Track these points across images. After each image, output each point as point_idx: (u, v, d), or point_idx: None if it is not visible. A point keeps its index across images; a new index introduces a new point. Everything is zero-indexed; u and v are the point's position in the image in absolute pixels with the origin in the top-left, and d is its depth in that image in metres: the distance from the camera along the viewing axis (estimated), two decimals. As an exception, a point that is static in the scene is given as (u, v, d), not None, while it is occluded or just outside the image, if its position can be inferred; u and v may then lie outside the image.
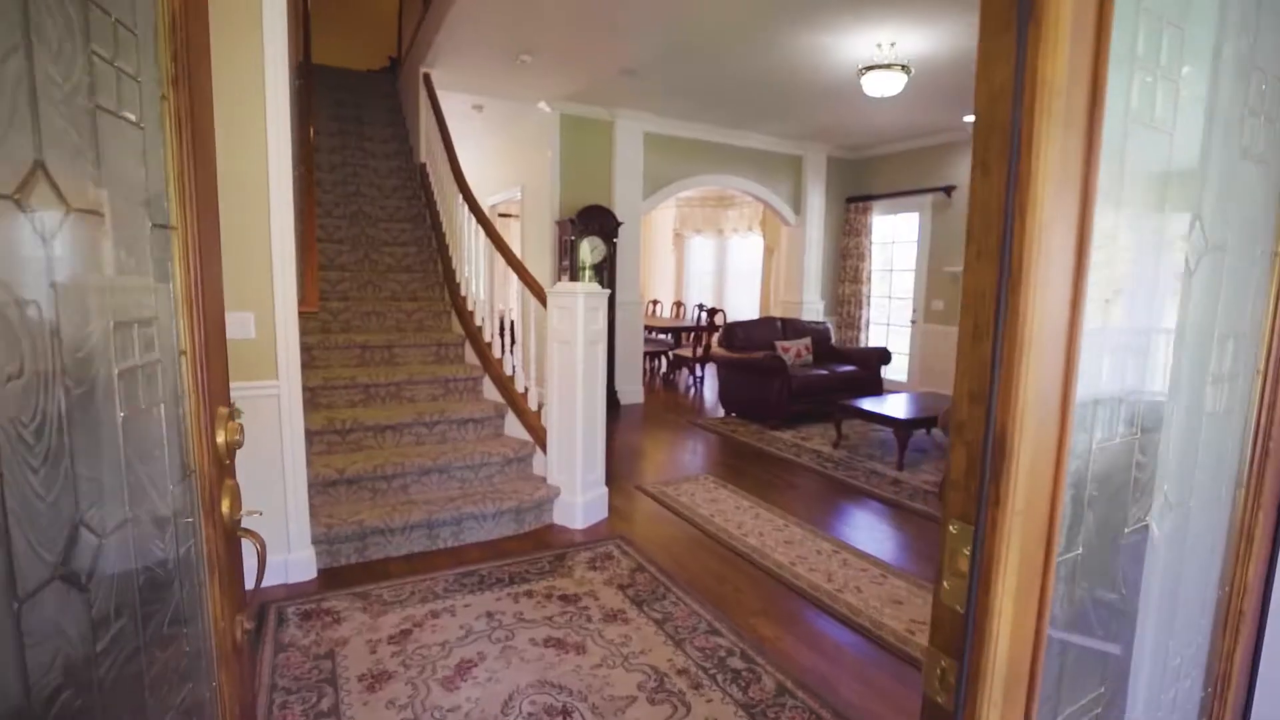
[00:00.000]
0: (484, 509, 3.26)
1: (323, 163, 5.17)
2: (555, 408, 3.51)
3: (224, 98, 2.44)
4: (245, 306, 2.53)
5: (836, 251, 8.28)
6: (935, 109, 6.08)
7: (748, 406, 6.12)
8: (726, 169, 7.37)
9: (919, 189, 7.31)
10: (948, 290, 7.15)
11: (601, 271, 6.41)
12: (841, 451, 5.13)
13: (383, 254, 4.63)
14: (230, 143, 2.43)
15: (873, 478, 4.50)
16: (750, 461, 4.88)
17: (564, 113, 6.33)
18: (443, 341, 4.18)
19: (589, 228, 6.25)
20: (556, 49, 4.83)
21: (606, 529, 3.54)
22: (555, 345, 3.46)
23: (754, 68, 5.07)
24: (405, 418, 3.54)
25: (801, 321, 6.83)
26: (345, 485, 3.16)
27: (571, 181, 6.46)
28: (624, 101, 6.24)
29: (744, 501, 3.98)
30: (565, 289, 3.38)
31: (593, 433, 3.54)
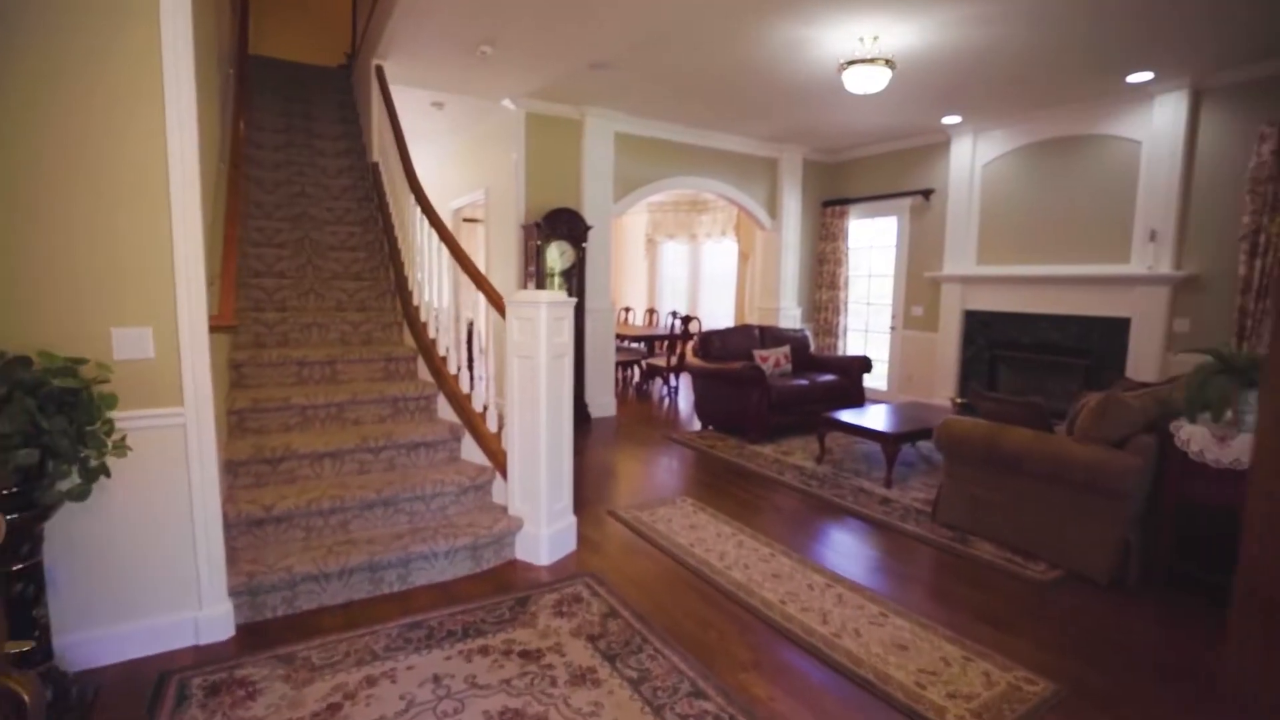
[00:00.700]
0: (435, 546, 2.88)
1: (265, 161, 4.75)
2: (516, 429, 3.15)
3: (104, 84, 2.07)
4: (139, 320, 2.13)
5: (813, 256, 8.06)
6: (916, 109, 5.89)
7: (726, 419, 5.82)
8: (700, 171, 7.10)
9: (897, 192, 7.13)
10: (927, 296, 6.96)
11: (570, 278, 6.06)
12: (826, 467, 4.86)
13: (328, 259, 4.22)
14: (109, 134, 2.05)
15: (860, 496, 4.23)
16: (730, 480, 4.57)
17: (530, 111, 5.99)
18: (393, 356, 3.79)
19: (556, 232, 5.91)
20: (519, 40, 4.49)
21: (575, 564, 3.18)
22: (516, 360, 3.11)
23: (729, 63, 4.80)
24: (347, 443, 3.14)
25: (780, 329, 6.57)
26: (274, 524, 2.75)
27: (538, 183, 6.11)
28: (593, 99, 5.93)
29: (726, 527, 3.66)
30: (526, 297, 3.03)
31: (558, 457, 3.19)
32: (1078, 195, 5.66)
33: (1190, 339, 5.06)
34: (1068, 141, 5.71)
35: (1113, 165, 5.44)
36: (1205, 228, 4.97)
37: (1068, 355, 5.78)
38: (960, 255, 6.53)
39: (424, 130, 7.29)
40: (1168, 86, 4.99)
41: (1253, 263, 4.64)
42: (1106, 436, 2.98)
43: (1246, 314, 4.68)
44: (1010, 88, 5.21)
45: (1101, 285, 5.47)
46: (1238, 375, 2.73)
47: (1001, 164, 6.22)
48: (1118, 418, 2.94)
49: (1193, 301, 5.04)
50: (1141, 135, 5.23)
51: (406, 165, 4.04)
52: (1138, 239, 5.27)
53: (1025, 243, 6.06)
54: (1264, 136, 4.56)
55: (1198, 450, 2.78)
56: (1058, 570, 3.15)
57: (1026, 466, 3.21)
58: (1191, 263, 5.04)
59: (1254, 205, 4.61)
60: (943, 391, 6.70)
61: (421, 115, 6.65)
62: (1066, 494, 3.11)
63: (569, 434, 3.25)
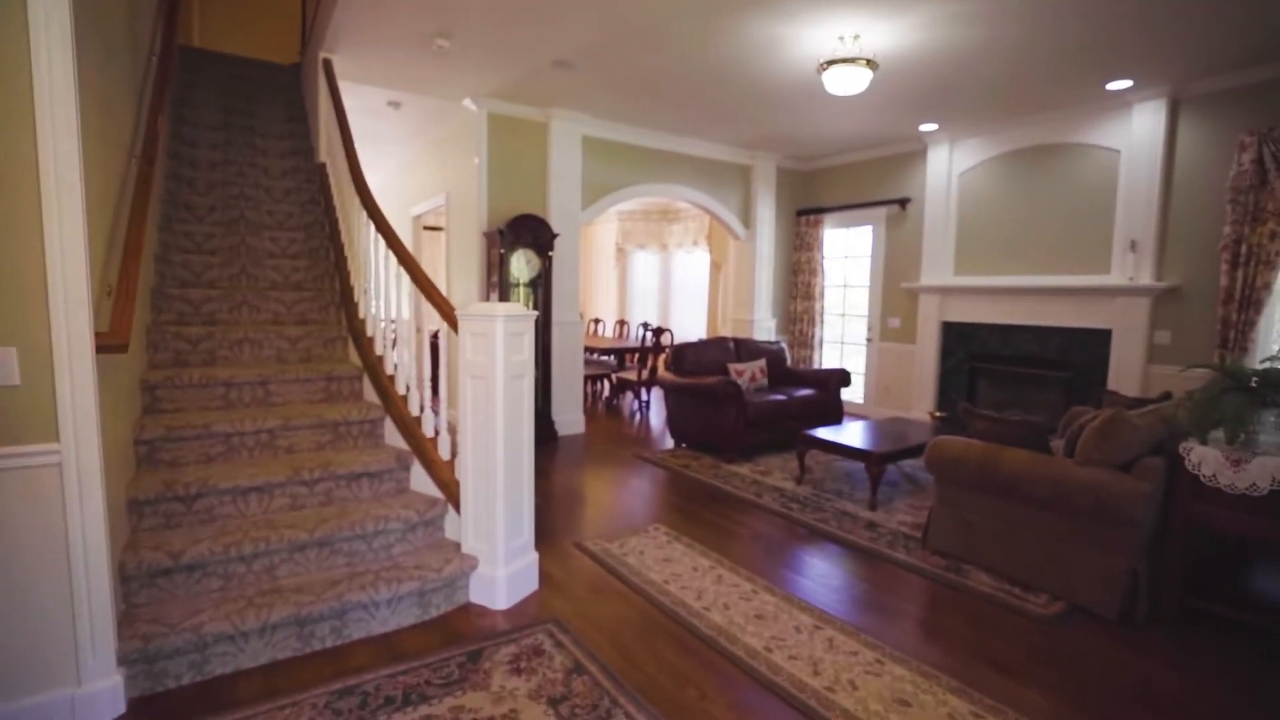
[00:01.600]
0: (376, 594, 2.53)
1: (200, 160, 4.34)
2: (470, 458, 2.82)
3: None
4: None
5: (788, 267, 7.87)
6: (893, 116, 5.73)
7: (700, 437, 5.54)
8: (672, 178, 6.86)
9: (873, 201, 6.97)
10: (904, 307, 6.81)
11: (536, 289, 5.74)
12: (806, 488, 4.60)
13: (265, 268, 3.84)
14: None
15: (844, 520, 3.97)
16: (706, 504, 4.28)
17: (492, 111, 5.67)
18: (335, 375, 3.43)
19: (521, 240, 5.59)
20: (478, 33, 4.19)
21: (537, 608, 2.85)
22: (469, 380, 2.78)
23: (702, 63, 4.56)
24: (278, 475, 2.77)
25: (755, 342, 6.33)
26: (184, 574, 2.37)
27: (501, 189, 5.79)
28: (559, 100, 5.64)
29: (703, 559, 3.37)
30: (481, 311, 2.71)
31: (517, 488, 2.86)
32: (1056, 205, 5.55)
33: (1172, 351, 4.96)
34: (1045, 150, 5.61)
35: (1091, 174, 5.34)
36: (1186, 238, 4.87)
37: (1048, 368, 5.64)
38: (938, 265, 6.39)
39: (381, 132, 6.93)
40: (1146, 95, 4.91)
41: (1234, 273, 4.55)
42: (1111, 459, 2.77)
43: (1229, 325, 4.57)
44: (989, 94, 5.08)
45: (1081, 296, 5.35)
46: (1250, 393, 2.54)
47: (979, 173, 6.10)
48: (1124, 439, 2.73)
49: (1174, 313, 4.94)
50: (1120, 144, 5.14)
51: (352, 164, 3.69)
52: (1118, 249, 5.16)
53: (1004, 253, 5.93)
54: (1243, 145, 4.48)
55: (1210, 474, 2.58)
56: (1060, 603, 2.93)
57: (1025, 491, 2.98)
58: (1172, 273, 4.94)
59: (1235, 215, 4.52)
60: (921, 405, 6.53)
61: (378, 116, 6.30)
62: (1069, 521, 2.89)
63: (529, 462, 2.92)
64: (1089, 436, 2.82)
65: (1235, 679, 2.41)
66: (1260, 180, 4.44)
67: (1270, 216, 4.41)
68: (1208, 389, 2.62)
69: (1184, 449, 2.65)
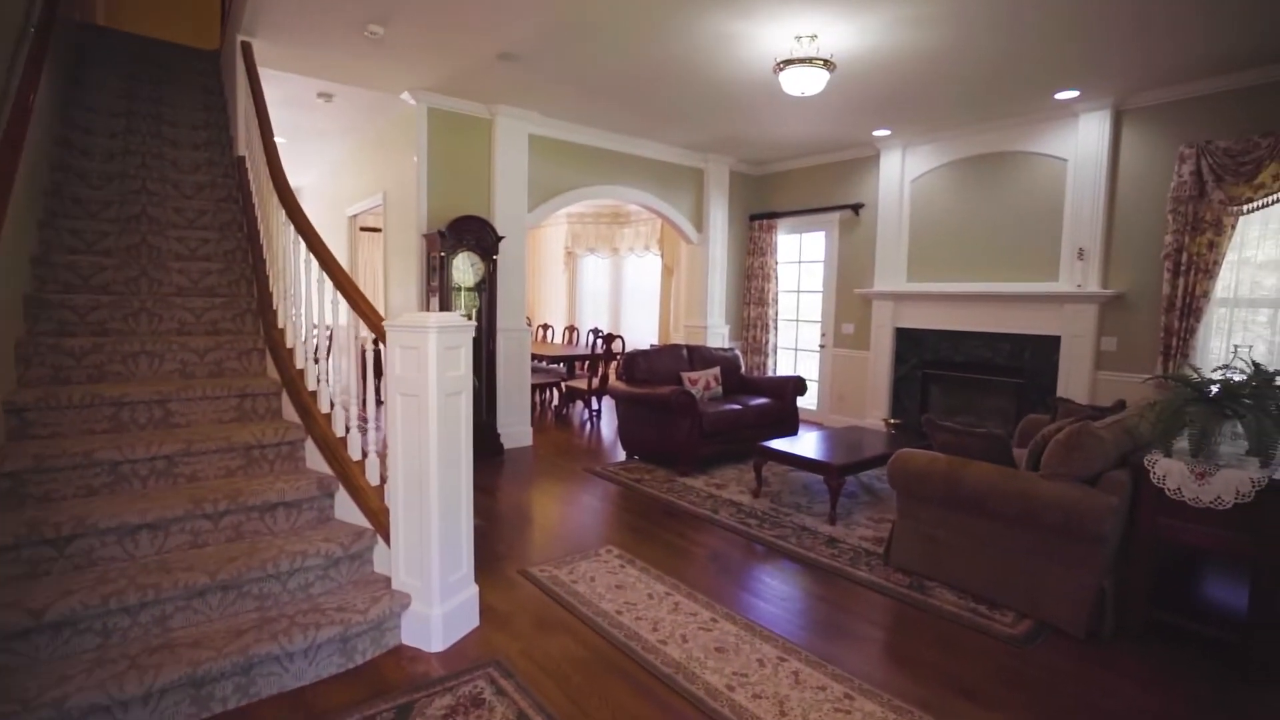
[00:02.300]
0: (291, 643, 2.21)
1: (95, 149, 3.89)
2: (400, 483, 2.53)
3: None
4: None
5: (741, 272, 7.76)
6: (847, 120, 5.67)
7: (653, 449, 5.34)
8: (623, 180, 6.65)
9: (826, 206, 6.93)
10: (857, 313, 6.78)
11: (480, 293, 5.44)
12: (764, 501, 4.45)
13: (170, 271, 3.44)
14: None
15: (804, 536, 3.83)
16: (660, 521, 4.07)
17: (432, 106, 5.35)
18: (249, 391, 3.07)
19: (464, 242, 5.27)
20: (415, 20, 3.89)
21: (477, 648, 2.58)
22: (398, 397, 2.49)
23: (655, 59, 4.37)
24: (175, 508, 2.42)
25: (709, 349, 6.17)
26: (47, 634, 2.01)
27: (443, 188, 5.47)
28: (505, 96, 5.36)
29: (658, 585, 3.15)
30: (411, 322, 2.43)
31: (455, 516, 2.59)
32: (1006, 212, 5.59)
33: (1117, 358, 5.03)
34: (996, 158, 5.64)
35: (1040, 182, 5.39)
36: (1130, 246, 4.95)
37: (1000, 374, 5.67)
38: (891, 271, 6.37)
39: (312, 126, 6.49)
40: (1091, 105, 4.97)
41: (1176, 281, 4.63)
42: (1077, 473, 2.69)
43: (1171, 333, 4.65)
44: (942, 100, 5.05)
45: (1031, 303, 5.38)
46: (1213, 404, 2.49)
47: (931, 179, 6.10)
48: (1090, 452, 2.65)
49: (1119, 320, 5.01)
50: (1067, 153, 5.20)
51: (270, 156, 3.34)
52: (1066, 257, 5.22)
53: (955, 259, 5.94)
54: (1183, 157, 4.56)
55: (1175, 487, 2.52)
56: (1027, 621, 2.83)
57: (991, 507, 2.88)
58: (1118, 281, 5.02)
59: (1175, 225, 4.60)
60: (875, 412, 6.50)
61: (308, 109, 5.88)
62: (1035, 537, 2.79)
63: (468, 487, 2.65)
64: (1054, 450, 2.73)
65: (1204, 695, 2.34)
66: (1199, 191, 4.52)
67: (1208, 227, 4.51)
68: (1170, 400, 2.56)
69: (1149, 462, 2.58)
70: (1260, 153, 4.27)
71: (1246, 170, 4.33)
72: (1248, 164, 4.32)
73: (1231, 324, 4.63)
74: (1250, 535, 2.41)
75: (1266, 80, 4.30)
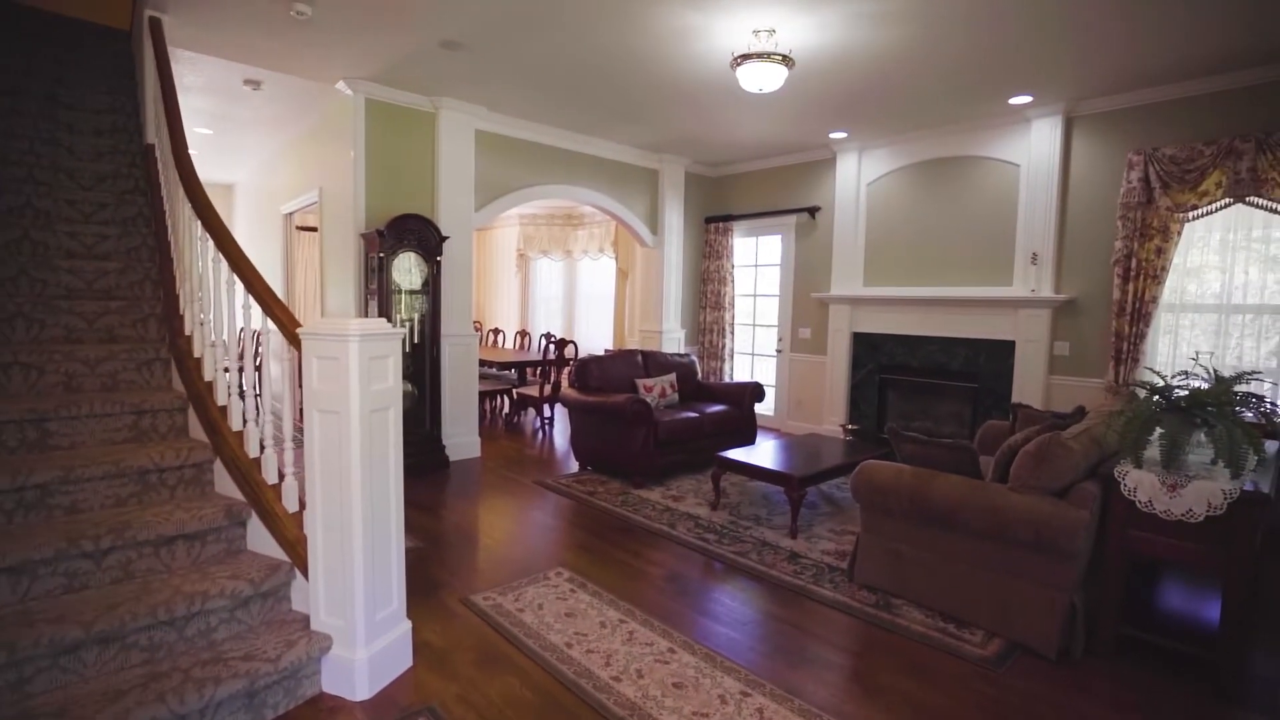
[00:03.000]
0: (183, 704, 1.90)
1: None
2: (320, 510, 2.24)
3: None
4: None
5: (697, 275, 7.61)
6: (804, 121, 5.57)
7: (607, 459, 5.11)
8: (575, 179, 6.41)
9: (783, 209, 6.83)
10: (814, 317, 6.70)
11: (424, 297, 5.12)
12: (722, 514, 4.27)
13: (58, 271, 3.04)
14: None
15: (765, 551, 3.66)
16: (614, 539, 3.85)
17: (371, 97, 5.01)
18: (148, 407, 2.71)
19: (404, 243, 4.95)
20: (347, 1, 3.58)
21: (410, 694, 2.30)
22: (316, 415, 2.20)
23: (608, 51, 4.16)
24: (44, 548, 2.07)
25: (665, 355, 5.98)
26: None
27: (382, 186, 5.13)
28: (450, 89, 5.06)
29: (611, 611, 2.92)
30: (329, 329, 2.14)
31: (383, 546, 2.31)
32: (961, 216, 5.58)
33: (1069, 363, 5.05)
34: (950, 162, 5.63)
35: (994, 187, 5.39)
36: (1082, 252, 4.98)
37: (956, 378, 5.65)
38: (847, 275, 6.31)
39: (243, 117, 6.05)
40: (1044, 111, 4.99)
41: (1126, 286, 4.66)
42: (1047, 485, 2.59)
43: (1122, 337, 4.68)
44: (899, 101, 4.99)
45: (986, 307, 5.38)
46: (1184, 413, 2.41)
47: (887, 183, 6.06)
48: (1060, 464, 2.55)
49: (1071, 325, 5.03)
50: (1020, 159, 5.21)
51: (177, 142, 2.99)
52: (1019, 261, 5.22)
53: (912, 263, 5.91)
54: (1131, 164, 4.60)
55: (1145, 500, 2.44)
56: (997, 640, 2.71)
57: (959, 521, 2.76)
58: (1070, 286, 5.04)
59: (1125, 230, 4.64)
60: (832, 417, 6.42)
61: (234, 97, 5.46)
62: (1005, 552, 2.68)
63: (398, 513, 2.37)
64: (1024, 461, 2.62)
65: (1179, 715, 2.25)
66: (1147, 198, 4.57)
67: (1156, 233, 4.55)
68: (1140, 410, 2.48)
69: (1119, 473, 2.49)
70: (1204, 161, 4.32)
71: (1191, 178, 4.39)
72: (1192, 171, 4.37)
73: (1177, 328, 4.69)
74: (1222, 548, 2.34)
75: (1210, 90, 4.36)
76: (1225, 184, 4.24)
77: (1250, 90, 4.23)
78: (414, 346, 5.11)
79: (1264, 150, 4.09)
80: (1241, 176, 4.17)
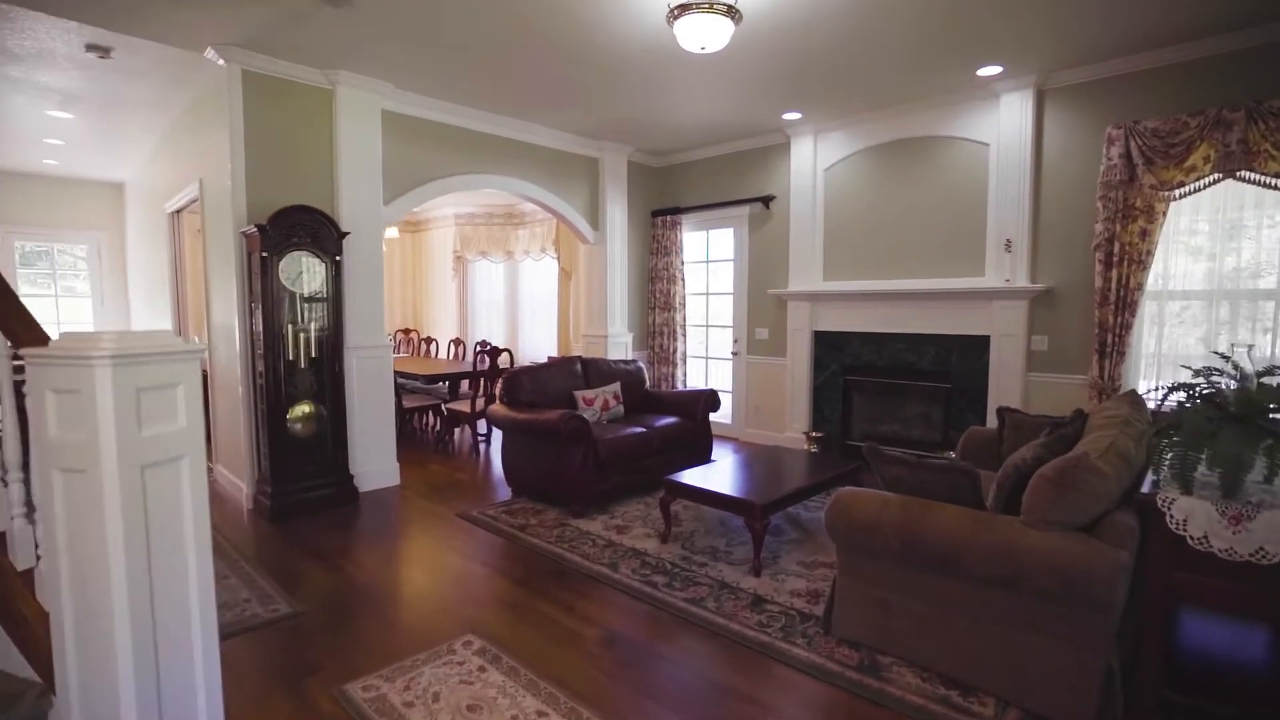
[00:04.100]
0: None
1: None
2: (68, 616, 1.52)
3: None
4: None
5: (644, 274, 7.00)
6: (755, 99, 5.01)
7: (542, 485, 4.44)
8: (505, 169, 5.73)
9: (734, 200, 6.28)
10: (772, 316, 6.16)
11: (322, 305, 4.36)
12: (673, 546, 3.66)
13: None
14: None
15: (723, 596, 3.05)
16: (544, 588, 3.19)
17: (249, 69, 4.24)
18: None
19: (293, 240, 4.20)
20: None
21: None
22: (57, 475, 1.49)
23: (528, 13, 3.51)
24: None
25: (608, 362, 5.35)
26: None
27: (268, 175, 4.38)
28: (348, 61, 4.34)
29: (528, 699, 2.26)
30: (65, 350, 1.44)
31: (177, 654, 1.60)
32: (927, 202, 5.11)
33: (1049, 358, 4.61)
34: (913, 144, 5.16)
35: (962, 170, 4.93)
36: (1058, 237, 4.55)
37: (925, 378, 5.18)
38: (806, 269, 5.79)
39: (105, 98, 5.16)
40: (1014, 85, 4.55)
41: (1108, 273, 4.24)
42: (1072, 520, 2.05)
43: (1106, 328, 4.26)
44: (858, 75, 4.48)
45: (957, 300, 4.91)
46: (1250, 427, 1.90)
47: (845, 168, 5.57)
48: (1090, 492, 2.01)
49: (1050, 317, 4.60)
50: (989, 137, 4.76)
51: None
52: (992, 249, 4.78)
53: (875, 255, 5.42)
54: (1111, 139, 4.19)
55: (1199, 535, 1.91)
56: (1013, 711, 2.16)
57: (963, 565, 2.20)
58: (1047, 275, 4.61)
59: (1106, 212, 4.22)
60: (795, 424, 5.89)
61: (82, 69, 4.58)
62: (1020, 603, 2.13)
63: (203, 607, 1.67)
64: (1043, 490, 2.07)
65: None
66: (1129, 176, 4.15)
67: (1140, 214, 4.14)
68: (1192, 419, 1.96)
69: (1162, 501, 1.97)
70: (1190, 133, 3.92)
71: (1177, 152, 3.98)
72: (1178, 145, 3.97)
73: (1163, 318, 4.30)
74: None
75: (1195, 56, 3.97)
76: (1214, 158, 3.85)
77: (1238, 55, 3.84)
78: (312, 361, 4.35)
79: (1255, 120, 3.71)
80: (1231, 149, 3.78)
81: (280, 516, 4.16)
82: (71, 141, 6.37)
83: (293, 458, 4.26)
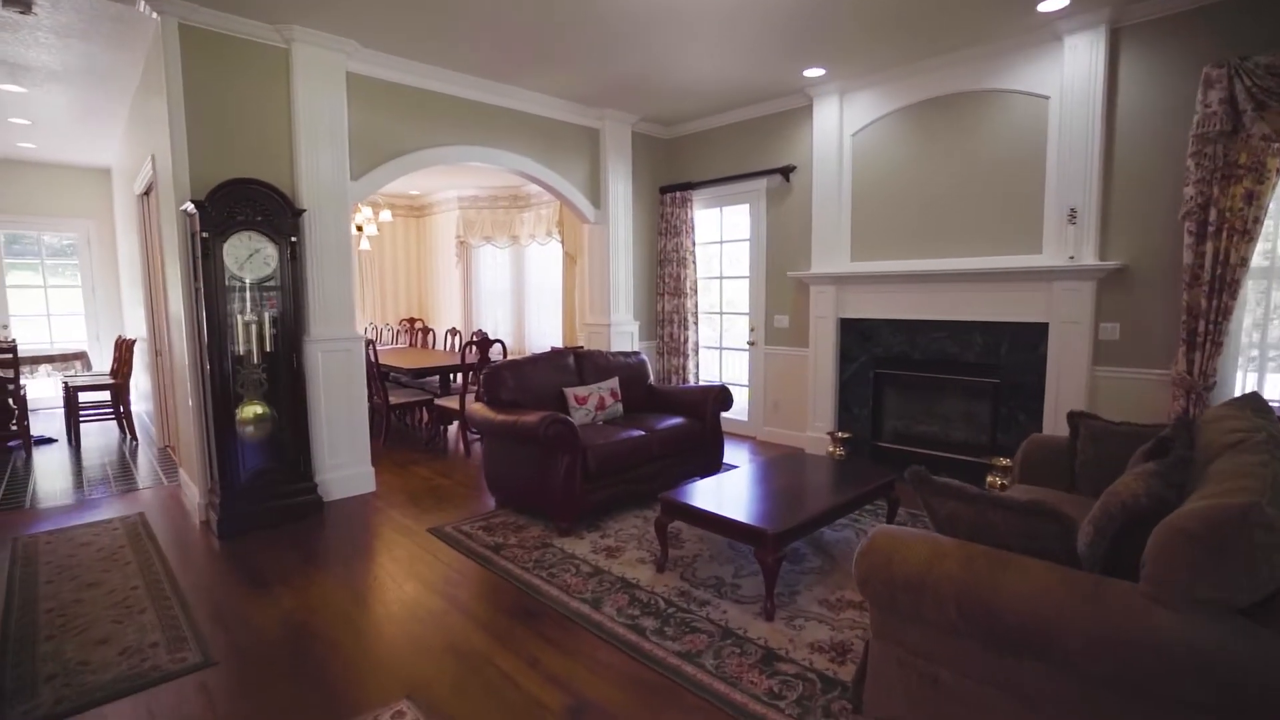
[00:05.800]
0: None
1: None
2: None
3: None
4: None
5: (652, 257, 6.38)
6: (770, 54, 4.33)
7: (526, 495, 3.88)
8: (493, 140, 5.14)
9: (751, 172, 5.61)
10: (793, 302, 5.50)
11: (276, 293, 3.84)
12: (671, 576, 3.07)
13: None
14: None
15: (726, 649, 2.46)
16: (509, 633, 2.63)
17: (187, 23, 3.71)
18: None
19: (237, 219, 3.68)
20: None
21: None
22: None
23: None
24: None
25: (605, 355, 4.75)
26: None
27: (215, 146, 3.87)
28: (301, 14, 3.79)
29: (457, 812, 1.70)
30: None
31: None
32: (973, 169, 4.39)
33: (1121, 349, 3.90)
34: (956, 101, 4.44)
35: (1016, 129, 4.20)
36: (1134, 205, 3.81)
37: (970, 372, 4.49)
38: (831, 249, 5.11)
39: (51, 66, 4.68)
40: (1081, 22, 3.80)
41: (1201, 247, 3.51)
42: (1228, 596, 1.39)
43: (1197, 314, 3.53)
44: (890, 12, 3.77)
45: (1008, 282, 4.21)
46: None
47: (875, 132, 4.86)
48: (1260, 557, 1.35)
49: (1122, 301, 3.88)
50: (1050, 89, 4.03)
51: None
52: (1051, 222, 4.06)
53: (910, 231, 4.72)
54: (1209, 81, 3.43)
55: None
56: None
57: (1056, 649, 1.56)
58: (1119, 251, 3.88)
59: (1200, 172, 3.47)
60: (818, 423, 5.24)
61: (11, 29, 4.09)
62: (1144, 710, 1.49)
63: None
64: (1182, 551, 1.42)
65: None
66: (1232, 126, 3.40)
67: (1245, 173, 3.39)
68: None
69: (1364, 571, 1.31)
70: (1311, 70, 3.17)
71: (1294, 95, 3.23)
72: (1295, 86, 3.22)
73: (1270, 302, 3.55)
74: None
75: (1318, -28, 3.20)
76: (1344, 100, 3.09)
77: (1378, -32, 3.07)
78: (266, 356, 3.84)
79: (1401, 49, 2.95)
80: (1368, 88, 3.02)
81: (229, 533, 3.67)
82: (39, 121, 5.95)
83: (245, 465, 3.76)
